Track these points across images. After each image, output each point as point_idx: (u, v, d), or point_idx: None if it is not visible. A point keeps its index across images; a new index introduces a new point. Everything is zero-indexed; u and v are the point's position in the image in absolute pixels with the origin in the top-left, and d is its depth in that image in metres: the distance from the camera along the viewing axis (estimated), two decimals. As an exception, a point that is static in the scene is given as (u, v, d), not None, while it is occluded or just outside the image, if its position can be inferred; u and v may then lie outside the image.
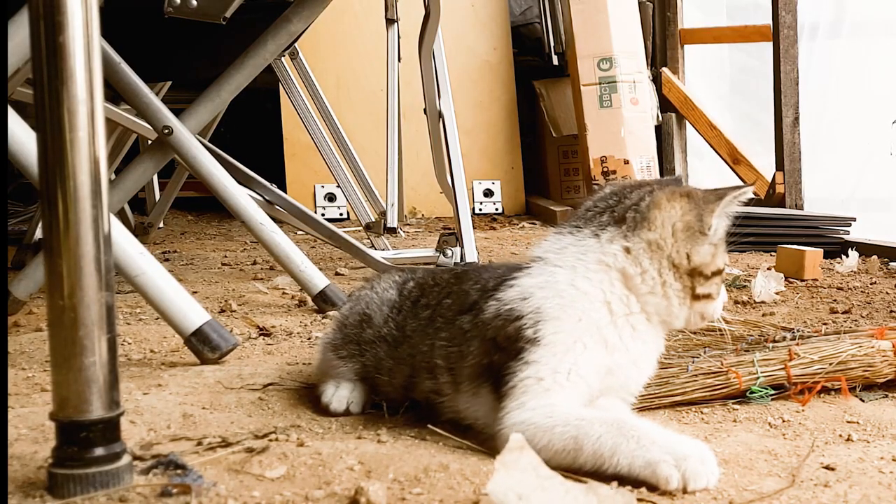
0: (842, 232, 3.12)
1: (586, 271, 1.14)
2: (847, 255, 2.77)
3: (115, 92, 2.02)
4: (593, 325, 1.13)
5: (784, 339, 1.50)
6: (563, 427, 1.05)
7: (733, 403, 1.34)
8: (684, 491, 0.98)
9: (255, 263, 3.01)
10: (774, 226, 3.20)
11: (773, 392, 1.35)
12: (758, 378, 1.35)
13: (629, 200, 1.17)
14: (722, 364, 1.37)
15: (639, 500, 0.97)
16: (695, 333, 1.60)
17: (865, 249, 2.90)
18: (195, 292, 2.33)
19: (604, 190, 1.23)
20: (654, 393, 1.32)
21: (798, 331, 1.53)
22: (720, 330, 1.53)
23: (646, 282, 1.14)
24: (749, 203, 1.20)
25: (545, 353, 1.10)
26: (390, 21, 3.31)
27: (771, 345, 1.47)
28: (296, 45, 3.10)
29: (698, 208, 1.14)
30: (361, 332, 1.34)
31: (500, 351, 1.13)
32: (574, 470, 1.03)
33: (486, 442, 1.12)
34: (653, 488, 0.99)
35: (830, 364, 1.37)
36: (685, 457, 0.99)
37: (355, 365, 1.33)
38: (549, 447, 1.04)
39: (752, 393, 1.34)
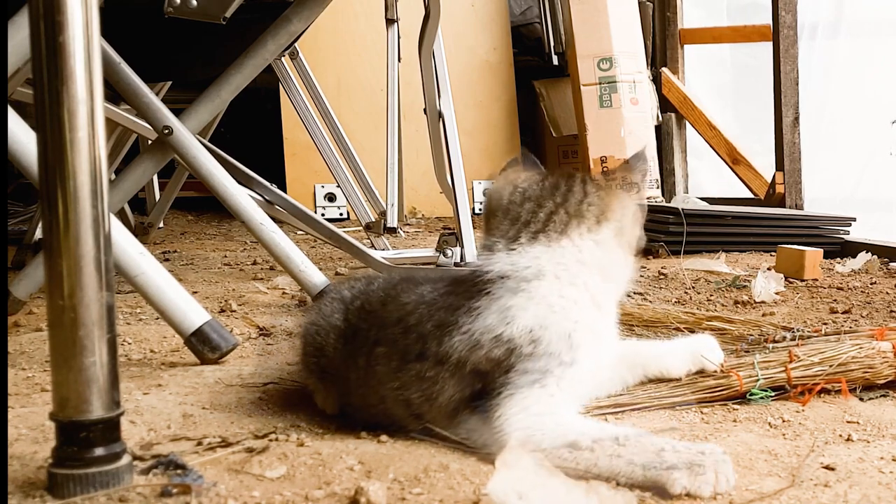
0: (842, 232, 3.13)
1: (570, 276, 1.14)
2: (854, 256, 2.78)
3: (115, 92, 2.02)
4: (587, 327, 1.13)
5: (784, 339, 1.50)
6: (578, 436, 1.05)
7: (733, 403, 1.34)
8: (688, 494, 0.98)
9: (255, 263, 3.01)
10: (774, 226, 3.20)
11: (773, 394, 1.35)
12: (758, 380, 1.35)
13: (574, 197, 1.16)
14: (722, 366, 1.37)
15: (641, 500, 0.97)
16: (693, 333, 1.61)
17: (865, 249, 2.90)
18: (195, 292, 2.33)
19: (510, 199, 1.18)
20: (655, 395, 1.32)
21: (798, 330, 1.53)
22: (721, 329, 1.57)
23: (615, 269, 1.18)
24: (749, 203, 1.23)
25: (547, 363, 1.09)
26: (390, 21, 3.32)
27: (771, 345, 1.47)
28: (296, 45, 3.10)
29: (637, 196, 1.21)
30: (319, 360, 1.29)
31: (484, 375, 1.10)
32: (577, 475, 1.03)
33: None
34: (660, 494, 0.99)
35: (831, 366, 1.37)
36: (700, 463, 0.99)
37: (330, 386, 1.29)
38: (557, 454, 1.04)
39: (752, 395, 1.34)
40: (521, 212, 1.17)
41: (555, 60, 4.87)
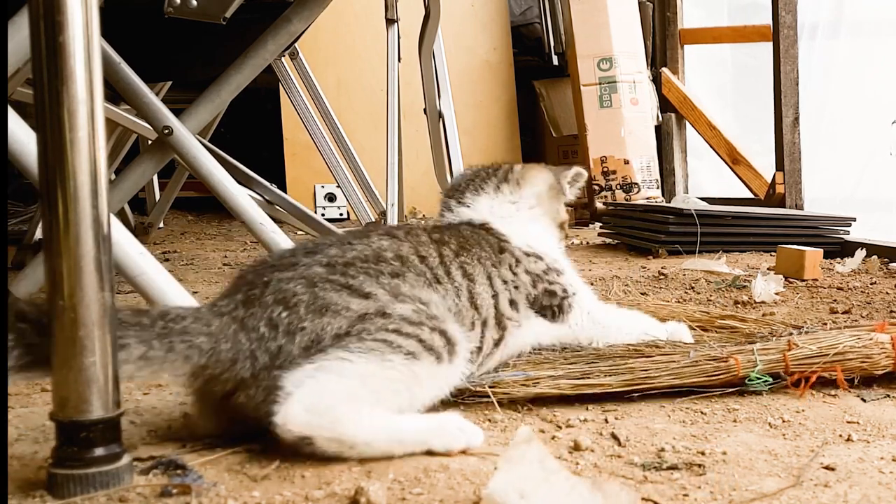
0: (842, 232, 3.12)
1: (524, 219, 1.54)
2: (853, 256, 2.78)
3: (115, 92, 2.02)
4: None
5: (791, 335, 1.50)
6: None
7: (733, 403, 1.34)
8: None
9: (255, 263, 3.00)
10: (774, 226, 3.20)
11: (771, 381, 1.36)
12: (756, 365, 1.35)
13: (503, 168, 1.59)
14: (723, 351, 1.38)
15: (643, 499, 0.97)
16: (706, 331, 1.64)
17: (861, 247, 2.90)
18: (195, 292, 2.33)
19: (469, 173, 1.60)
20: (652, 375, 1.33)
21: (806, 329, 1.54)
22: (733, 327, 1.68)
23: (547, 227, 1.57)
24: (749, 203, 1.23)
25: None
26: (390, 21, 3.31)
27: (774, 339, 1.47)
28: (296, 45, 3.10)
29: (556, 174, 1.61)
30: None
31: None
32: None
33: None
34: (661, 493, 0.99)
35: (829, 354, 1.38)
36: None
37: None
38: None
39: (750, 381, 1.35)
40: (473, 182, 1.57)
41: (555, 60, 4.87)
